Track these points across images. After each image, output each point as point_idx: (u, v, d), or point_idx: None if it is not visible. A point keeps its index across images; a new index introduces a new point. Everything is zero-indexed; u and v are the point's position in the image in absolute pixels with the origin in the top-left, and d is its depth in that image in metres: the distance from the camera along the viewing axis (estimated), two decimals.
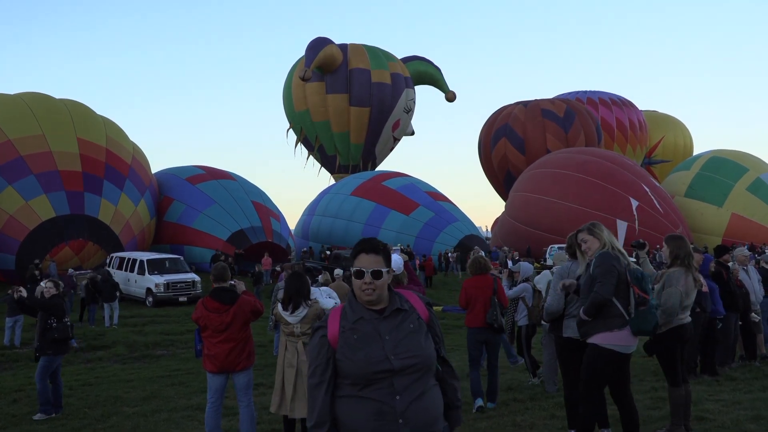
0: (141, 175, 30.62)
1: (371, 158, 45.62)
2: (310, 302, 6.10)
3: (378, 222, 36.06)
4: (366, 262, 2.74)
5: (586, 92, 54.56)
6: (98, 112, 31.54)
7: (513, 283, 9.51)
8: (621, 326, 4.83)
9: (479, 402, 7.15)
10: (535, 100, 49.61)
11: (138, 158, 31.29)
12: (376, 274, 2.71)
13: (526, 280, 8.83)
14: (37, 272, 20.95)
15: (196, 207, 31.60)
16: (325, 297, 6.41)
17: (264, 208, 33.06)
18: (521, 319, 8.85)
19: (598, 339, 4.86)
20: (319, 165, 47.50)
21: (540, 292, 7.93)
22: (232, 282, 6.37)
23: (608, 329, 4.83)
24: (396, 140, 46.50)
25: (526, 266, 9.17)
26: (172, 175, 34.36)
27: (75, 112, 29.65)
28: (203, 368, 6.35)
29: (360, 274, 2.74)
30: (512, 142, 47.80)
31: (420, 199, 36.80)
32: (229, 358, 6.08)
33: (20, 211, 26.29)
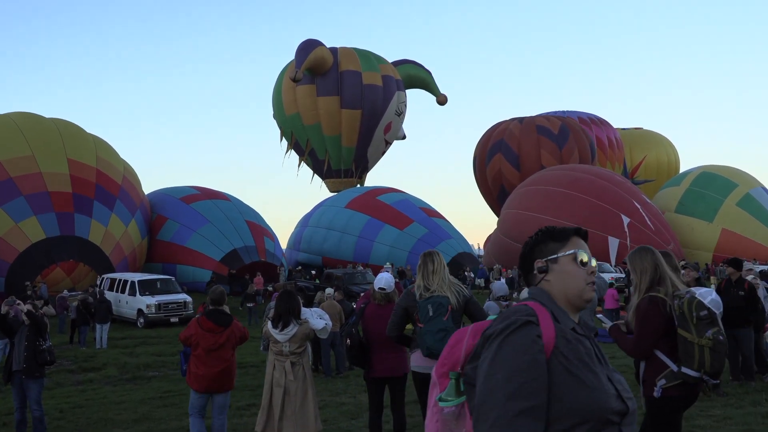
0: (131, 195, 30.56)
1: (363, 162, 45.00)
2: (300, 321, 6.17)
3: (371, 235, 36.06)
4: (586, 248, 1.98)
5: (556, 112, 54.52)
6: (89, 131, 31.55)
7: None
8: (414, 348, 5.33)
9: None
10: (531, 116, 49.92)
11: (129, 177, 31.24)
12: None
13: (499, 299, 8.82)
14: (30, 293, 20.80)
15: (190, 226, 31.60)
16: (316, 318, 6.44)
17: (258, 228, 33.07)
18: None
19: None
20: (312, 172, 46.74)
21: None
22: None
23: (413, 352, 5.40)
24: (388, 144, 45.87)
25: (498, 285, 9.19)
26: (166, 194, 34.41)
27: (65, 132, 29.60)
28: (188, 384, 6.57)
29: (585, 261, 1.94)
30: (507, 157, 47.98)
31: (414, 215, 36.87)
32: (217, 378, 6.32)
33: (10, 233, 26.20)
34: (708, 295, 4.07)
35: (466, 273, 31.44)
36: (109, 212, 28.60)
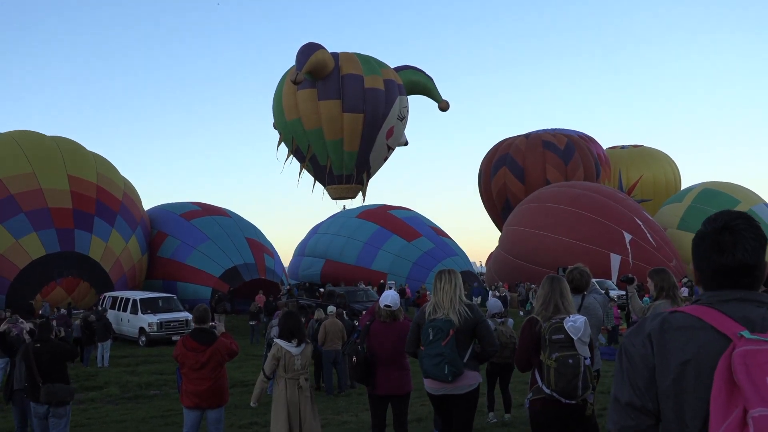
0: (132, 211, 30.57)
1: (365, 167, 43.58)
2: (307, 341, 6.50)
3: (378, 243, 36.38)
4: None
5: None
6: (91, 149, 31.63)
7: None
8: None
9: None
10: (537, 132, 50.13)
11: (129, 194, 31.27)
12: None
13: (494, 316, 8.83)
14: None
15: (190, 243, 31.55)
16: None
17: (258, 245, 33.03)
18: None
19: None
20: (312, 180, 46.24)
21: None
22: (212, 323, 6.91)
23: None
24: (390, 149, 44.66)
25: (492, 303, 9.19)
26: (167, 210, 34.41)
27: (65, 149, 29.68)
28: (181, 403, 6.78)
29: None
30: (512, 170, 48.12)
31: (423, 231, 37.28)
32: (205, 395, 6.55)
33: (10, 249, 26.19)
34: (570, 322, 4.43)
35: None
36: (109, 228, 28.58)
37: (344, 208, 46.08)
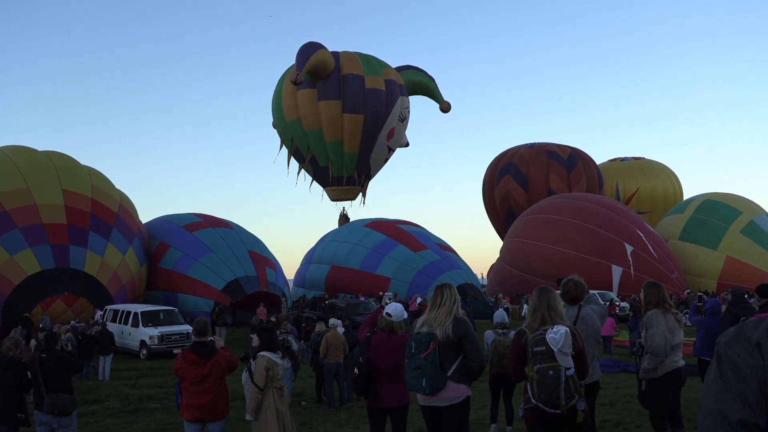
0: (128, 223, 30.51)
1: (366, 169, 43.31)
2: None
3: (384, 250, 36.41)
4: None
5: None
6: (94, 166, 31.69)
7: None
8: None
9: None
10: (541, 142, 50.39)
11: (125, 206, 31.24)
12: None
13: (496, 327, 8.87)
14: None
15: (192, 255, 31.49)
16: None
17: (260, 257, 32.96)
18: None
19: None
20: (311, 181, 44.89)
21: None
22: (212, 338, 6.92)
23: None
24: (391, 151, 44.32)
25: (497, 313, 9.25)
26: (169, 222, 34.39)
27: (59, 164, 29.70)
28: (181, 416, 6.82)
29: None
30: (516, 179, 48.35)
31: (429, 245, 37.37)
32: (206, 409, 6.56)
33: (5, 265, 26.15)
34: (551, 333, 4.47)
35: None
36: (105, 242, 28.52)
37: (343, 209, 45.91)
